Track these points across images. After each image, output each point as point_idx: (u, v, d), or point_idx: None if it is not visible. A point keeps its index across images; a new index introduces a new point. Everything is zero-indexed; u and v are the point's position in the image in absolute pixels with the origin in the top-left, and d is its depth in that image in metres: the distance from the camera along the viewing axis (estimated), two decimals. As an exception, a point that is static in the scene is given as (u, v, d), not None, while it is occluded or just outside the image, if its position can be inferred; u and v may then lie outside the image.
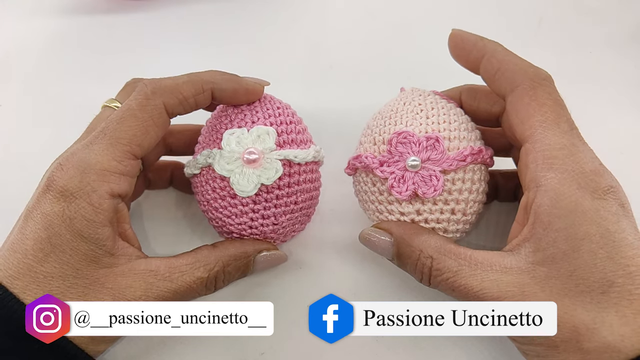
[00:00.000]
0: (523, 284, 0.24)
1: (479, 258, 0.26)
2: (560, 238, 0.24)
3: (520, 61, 0.28)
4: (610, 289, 0.23)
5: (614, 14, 0.48)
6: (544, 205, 0.25)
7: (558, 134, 0.26)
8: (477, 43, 0.29)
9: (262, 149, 0.29)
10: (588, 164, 0.25)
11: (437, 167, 0.29)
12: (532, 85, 0.27)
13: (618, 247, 0.24)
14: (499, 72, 0.28)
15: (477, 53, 0.29)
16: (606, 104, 0.42)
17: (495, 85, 0.29)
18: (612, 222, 0.24)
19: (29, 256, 0.25)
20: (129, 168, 0.28)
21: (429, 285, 0.28)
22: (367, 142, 0.31)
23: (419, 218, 0.29)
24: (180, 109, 0.30)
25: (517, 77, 0.28)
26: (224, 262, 0.29)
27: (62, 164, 0.27)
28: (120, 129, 0.28)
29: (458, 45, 0.30)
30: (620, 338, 0.22)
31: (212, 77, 0.30)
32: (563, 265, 0.24)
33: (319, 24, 0.49)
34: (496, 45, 0.29)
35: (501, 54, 0.28)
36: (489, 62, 0.29)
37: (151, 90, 0.28)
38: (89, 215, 0.26)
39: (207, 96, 0.30)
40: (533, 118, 0.27)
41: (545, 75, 0.28)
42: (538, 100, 0.27)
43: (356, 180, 0.33)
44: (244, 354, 0.31)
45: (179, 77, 0.30)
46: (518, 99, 0.27)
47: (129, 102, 0.28)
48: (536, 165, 0.26)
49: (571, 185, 0.25)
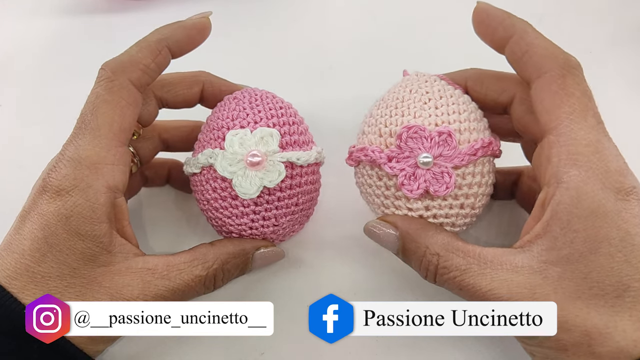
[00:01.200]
0: (534, 285, 0.24)
1: (489, 256, 0.25)
2: (579, 239, 0.23)
3: (550, 45, 0.26)
4: (625, 293, 0.23)
5: (614, 14, 0.48)
6: (564, 204, 0.24)
7: (585, 128, 0.25)
8: (505, 21, 0.27)
9: (265, 151, 0.29)
10: (613, 162, 0.24)
11: (449, 164, 0.28)
12: (561, 73, 0.25)
13: (637, 251, 0.23)
14: (526, 55, 0.26)
15: (504, 32, 0.27)
16: (606, 104, 0.42)
17: (521, 68, 0.27)
18: (633, 224, 0.23)
19: (27, 256, 0.25)
20: (118, 156, 0.28)
21: (434, 282, 0.27)
22: (371, 133, 0.30)
23: (428, 214, 0.28)
24: (146, 79, 0.29)
25: (546, 62, 0.26)
26: (222, 260, 0.29)
27: (55, 165, 0.27)
28: (97, 119, 0.27)
29: (484, 22, 0.28)
30: (633, 343, 0.22)
31: (160, 35, 0.29)
32: (578, 266, 0.23)
33: (319, 24, 0.49)
34: (526, 25, 0.27)
35: (531, 36, 0.26)
36: (516, 44, 0.27)
37: (112, 71, 0.28)
38: (85, 212, 0.26)
39: (166, 55, 0.29)
40: (560, 109, 0.25)
41: (575, 63, 0.26)
42: (566, 90, 0.25)
43: (359, 172, 0.31)
44: (244, 354, 0.31)
45: (130, 48, 0.29)
46: (545, 86, 0.26)
47: (95, 90, 0.28)
48: (559, 160, 0.25)
49: (595, 184, 0.24)
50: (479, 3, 0.28)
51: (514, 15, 0.28)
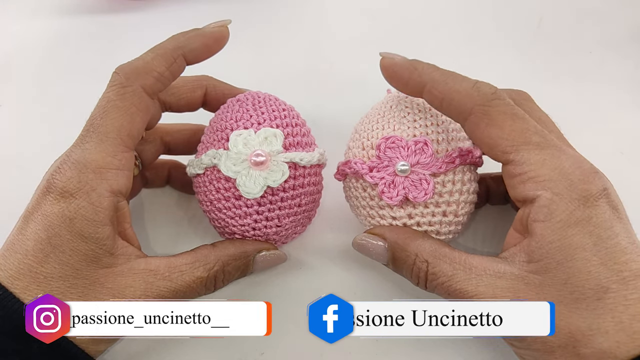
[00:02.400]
0: (518, 290, 0.24)
1: (474, 262, 0.26)
2: (553, 249, 0.24)
3: (460, 85, 0.27)
4: (606, 295, 0.23)
5: (614, 14, 0.48)
6: (537, 221, 0.25)
7: (533, 150, 0.25)
8: (412, 73, 0.28)
9: (269, 151, 0.29)
10: (575, 172, 0.25)
11: (426, 171, 0.29)
12: (483, 111, 0.26)
13: (611, 253, 0.24)
14: (444, 102, 0.27)
15: (415, 84, 0.28)
16: (606, 104, 0.42)
17: (446, 113, 0.28)
18: (604, 228, 0.24)
19: (30, 256, 0.25)
20: (124, 161, 0.28)
21: (425, 289, 0.28)
22: (355, 147, 0.31)
23: (411, 222, 0.29)
24: (159, 86, 0.29)
25: (464, 106, 0.27)
26: (223, 262, 0.29)
27: (60, 166, 0.27)
28: (106, 123, 0.27)
29: (393, 77, 0.29)
30: (616, 344, 0.22)
31: (177, 43, 0.29)
32: (557, 273, 0.24)
33: (319, 24, 0.49)
34: (432, 70, 0.28)
35: (440, 84, 0.27)
36: (430, 94, 0.28)
37: (125, 77, 0.28)
38: (89, 214, 0.26)
39: (181, 63, 0.29)
40: (500, 143, 0.26)
41: (491, 93, 0.26)
42: (496, 124, 0.26)
43: (346, 185, 0.33)
44: (244, 354, 0.31)
45: (146, 54, 0.29)
46: (475, 127, 0.27)
47: (107, 94, 0.28)
48: (524, 186, 0.26)
49: (562, 198, 0.24)
50: (382, 57, 0.29)
51: (419, 63, 0.28)
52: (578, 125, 0.27)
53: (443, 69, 0.28)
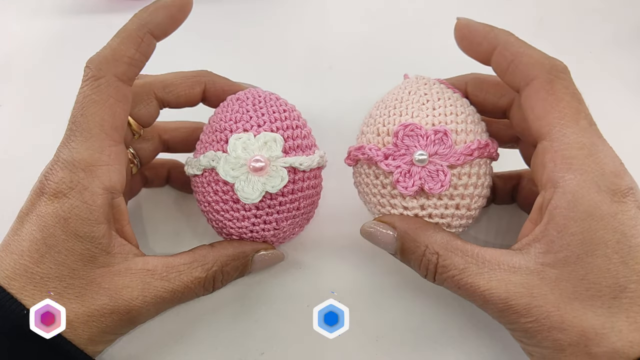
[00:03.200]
0: (532, 285, 0.24)
1: (487, 256, 0.25)
2: (575, 242, 0.23)
3: (535, 52, 0.26)
4: (622, 294, 0.23)
5: (614, 14, 0.48)
6: (560, 208, 0.24)
7: (577, 132, 0.25)
8: (488, 34, 0.27)
9: (268, 156, 0.29)
10: (608, 164, 0.24)
11: (444, 162, 0.28)
12: (548, 79, 0.26)
13: (634, 253, 0.23)
14: (512, 65, 0.27)
15: (488, 45, 0.27)
16: (606, 104, 0.42)
17: (508, 78, 0.27)
18: (629, 226, 0.23)
19: (25, 257, 0.25)
20: (113, 156, 0.27)
21: (433, 281, 0.27)
22: (370, 133, 0.30)
23: (423, 213, 0.29)
24: (133, 70, 0.28)
25: (532, 70, 0.26)
26: (222, 262, 0.29)
27: (51, 167, 0.27)
28: (87, 120, 0.27)
29: (466, 37, 0.28)
30: (629, 344, 0.22)
31: (140, 21, 0.28)
32: (575, 268, 0.23)
33: (319, 24, 0.49)
34: (508, 35, 0.27)
35: (515, 45, 0.27)
36: (501, 55, 0.27)
37: (96, 68, 0.27)
38: (83, 213, 0.26)
39: (149, 41, 0.28)
40: (550, 114, 0.25)
41: (562, 67, 0.26)
42: (556, 95, 0.25)
43: (357, 171, 0.32)
44: (244, 354, 0.31)
45: (112, 41, 0.28)
46: (534, 93, 0.26)
47: (82, 90, 0.27)
48: (554, 165, 0.25)
49: (590, 187, 0.24)
50: (459, 19, 0.28)
51: (496, 27, 0.28)
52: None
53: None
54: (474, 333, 0.31)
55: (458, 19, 0.29)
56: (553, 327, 0.23)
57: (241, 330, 0.32)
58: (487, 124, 0.31)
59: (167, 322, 0.32)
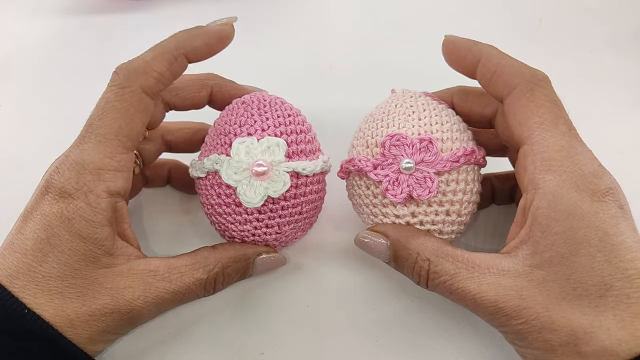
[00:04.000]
0: (521, 287, 0.24)
1: (477, 260, 0.26)
2: (559, 241, 0.24)
3: (516, 63, 0.28)
4: (608, 293, 0.23)
5: (614, 14, 0.48)
6: (542, 208, 0.25)
7: (556, 135, 0.26)
8: (472, 48, 0.29)
9: (271, 161, 0.29)
10: (587, 165, 0.25)
11: (431, 169, 0.29)
12: (529, 87, 0.27)
13: (616, 251, 0.23)
14: (495, 75, 0.28)
15: (472, 58, 0.29)
16: (606, 104, 0.42)
17: (492, 88, 0.29)
18: (610, 225, 0.24)
19: (29, 256, 0.25)
20: (122, 163, 0.28)
21: (426, 287, 0.28)
22: (359, 145, 0.31)
23: (414, 220, 0.29)
24: (159, 86, 0.28)
25: (513, 79, 0.27)
26: (223, 264, 0.29)
27: (59, 166, 0.27)
28: (104, 125, 0.27)
29: (452, 52, 0.30)
30: (617, 342, 0.22)
31: (178, 42, 0.28)
32: (561, 268, 0.24)
33: (319, 24, 0.49)
34: (491, 48, 0.29)
35: (496, 57, 0.28)
36: (484, 67, 0.28)
37: (124, 77, 0.27)
38: (87, 215, 0.26)
39: (182, 62, 0.29)
40: (530, 120, 0.26)
41: (542, 76, 0.27)
42: (535, 102, 0.27)
43: (349, 184, 0.32)
44: (244, 354, 0.31)
45: (146, 54, 0.28)
46: (515, 100, 0.27)
47: (105, 95, 0.28)
48: (534, 168, 0.26)
49: (570, 187, 0.24)
50: (446, 36, 0.30)
51: (479, 42, 0.29)
52: (578, 125, 0.27)
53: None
54: (474, 333, 0.31)
55: (445, 36, 0.30)
56: (543, 328, 0.24)
57: (241, 330, 0.32)
58: (475, 134, 0.32)
59: (167, 322, 0.32)
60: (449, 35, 0.30)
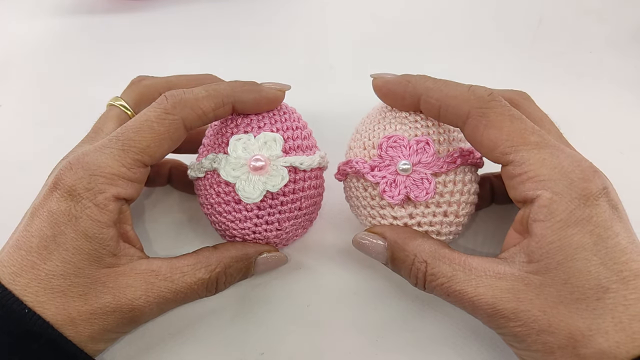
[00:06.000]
0: (518, 290, 0.24)
1: (473, 263, 0.26)
2: (553, 249, 0.24)
3: (457, 91, 0.27)
4: (605, 295, 0.23)
5: (614, 14, 0.48)
6: (537, 221, 0.25)
7: (532, 150, 0.26)
8: (406, 87, 0.29)
9: (268, 155, 0.29)
10: (574, 171, 0.25)
11: (428, 170, 0.29)
12: (480, 113, 0.26)
13: (612, 253, 0.24)
14: (442, 110, 0.28)
15: (411, 98, 0.29)
16: (606, 104, 0.42)
17: (444, 121, 0.28)
18: (604, 227, 0.24)
19: (34, 253, 0.25)
20: (138, 175, 0.28)
21: (424, 289, 0.28)
22: (356, 147, 0.31)
23: (412, 222, 0.29)
24: (199, 123, 0.29)
25: (461, 109, 0.27)
26: (225, 264, 0.29)
27: (72, 164, 0.27)
28: (135, 138, 0.27)
29: (388, 95, 0.30)
30: (615, 344, 0.23)
31: (232, 91, 0.29)
32: (557, 273, 0.24)
33: (319, 24, 0.49)
34: (424, 80, 0.28)
35: (435, 91, 0.28)
36: (427, 104, 0.28)
37: (171, 105, 0.28)
38: (95, 215, 0.26)
39: (228, 110, 0.30)
40: (499, 146, 0.26)
41: (486, 96, 0.27)
42: (494, 126, 0.26)
43: (347, 186, 0.32)
44: (244, 354, 0.31)
45: (199, 90, 0.29)
46: (474, 130, 0.27)
47: (147, 113, 0.28)
48: (523, 186, 0.26)
49: (562, 198, 0.24)
50: (374, 78, 0.30)
51: (410, 75, 0.29)
52: (578, 125, 0.27)
53: (435, 77, 0.28)
54: (474, 333, 0.31)
55: (373, 77, 0.30)
56: (541, 331, 0.24)
57: (241, 330, 0.32)
58: None
59: (167, 322, 0.32)
60: (376, 77, 0.30)
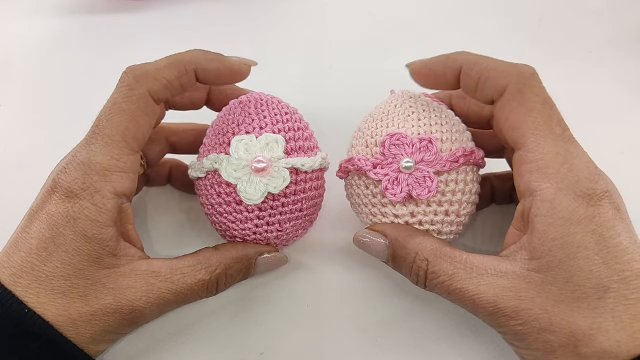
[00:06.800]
0: (519, 289, 0.24)
1: (475, 262, 0.26)
2: (556, 247, 0.24)
3: (499, 64, 0.27)
4: (607, 295, 0.23)
5: (613, 14, 0.48)
6: (540, 216, 0.25)
7: (551, 141, 0.26)
8: (447, 62, 0.28)
9: (270, 157, 0.29)
10: (583, 171, 0.25)
11: (430, 169, 0.29)
12: (518, 89, 0.26)
13: (613, 253, 0.24)
14: (480, 82, 0.27)
15: (452, 71, 0.28)
16: (606, 104, 0.42)
17: (479, 95, 0.28)
18: (607, 228, 0.24)
19: (33, 255, 0.25)
20: (129, 164, 0.28)
21: (425, 288, 0.28)
22: (359, 145, 0.31)
23: (413, 220, 0.29)
24: (166, 94, 0.29)
25: (501, 82, 0.27)
26: (225, 265, 0.29)
27: (66, 166, 0.27)
28: (112, 126, 0.27)
29: (428, 76, 0.29)
30: (616, 344, 0.23)
31: (194, 58, 0.29)
32: (559, 272, 0.24)
33: (319, 24, 0.49)
34: (466, 55, 0.28)
35: (477, 63, 0.27)
36: (467, 76, 0.28)
37: (133, 79, 0.28)
38: (93, 215, 0.26)
39: (192, 78, 0.29)
40: (524, 125, 0.26)
41: (529, 73, 0.27)
42: (527, 105, 0.26)
43: (348, 183, 0.32)
44: (244, 354, 0.31)
45: (160, 61, 0.29)
46: (506, 104, 0.27)
47: (114, 96, 0.28)
48: (531, 175, 0.26)
49: (567, 194, 0.24)
50: (411, 64, 0.30)
51: (450, 53, 0.29)
52: (578, 125, 0.27)
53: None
54: (474, 333, 0.31)
55: (409, 65, 0.30)
56: (542, 329, 0.24)
57: (241, 330, 0.32)
58: (474, 135, 0.32)
59: (168, 323, 0.32)
60: (412, 63, 0.30)
